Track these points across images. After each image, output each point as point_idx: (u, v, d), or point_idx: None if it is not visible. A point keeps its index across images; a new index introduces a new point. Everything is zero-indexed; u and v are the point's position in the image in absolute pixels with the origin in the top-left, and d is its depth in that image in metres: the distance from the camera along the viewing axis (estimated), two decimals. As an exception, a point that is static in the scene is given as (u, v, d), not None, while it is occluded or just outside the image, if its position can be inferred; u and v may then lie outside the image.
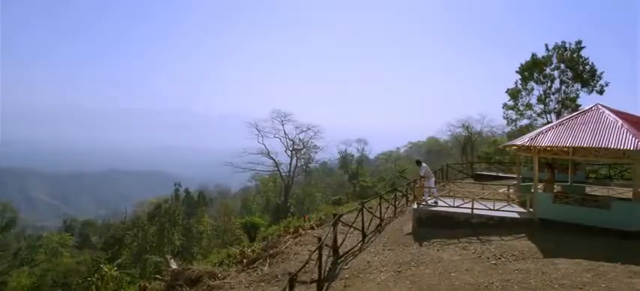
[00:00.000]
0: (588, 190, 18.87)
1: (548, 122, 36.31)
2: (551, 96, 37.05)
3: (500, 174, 33.05)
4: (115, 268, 27.80)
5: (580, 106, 36.02)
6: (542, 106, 37.48)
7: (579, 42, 35.70)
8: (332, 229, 13.38)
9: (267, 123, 56.51)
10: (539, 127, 38.08)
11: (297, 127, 57.39)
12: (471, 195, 17.18)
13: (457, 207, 15.74)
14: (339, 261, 13.50)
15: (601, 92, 35.12)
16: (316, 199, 64.01)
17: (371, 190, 65.84)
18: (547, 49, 36.64)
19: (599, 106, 15.43)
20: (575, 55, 35.49)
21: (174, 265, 17.79)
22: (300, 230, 20.61)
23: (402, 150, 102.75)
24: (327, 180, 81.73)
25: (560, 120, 15.70)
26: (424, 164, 18.13)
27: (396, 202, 20.67)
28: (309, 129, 57.52)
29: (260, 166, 58.02)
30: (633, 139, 13.02)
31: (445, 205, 16.05)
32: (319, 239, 11.45)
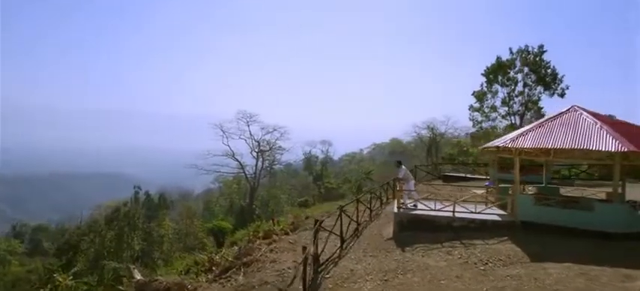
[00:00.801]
0: (562, 191, 18.80)
1: (512, 124, 36.87)
2: (515, 98, 37.64)
3: (467, 175, 33.11)
4: (71, 277, 25.78)
5: (542, 108, 36.74)
6: (506, 109, 37.99)
7: (541, 46, 36.42)
8: (313, 237, 12.49)
9: (232, 124, 54.94)
10: (502, 129, 38.70)
11: (263, 128, 56.17)
12: (450, 197, 16.79)
13: (439, 210, 15.20)
14: (319, 269, 12.65)
15: (562, 95, 35.93)
16: (281, 200, 62.90)
17: (336, 191, 65.41)
18: (511, 53, 37.22)
19: (577, 108, 15.32)
20: (537, 59, 36.13)
21: (138, 276, 16.43)
22: (273, 236, 19.66)
23: (365, 151, 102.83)
24: (292, 181, 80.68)
25: (540, 121, 15.49)
26: (403, 166, 17.56)
27: (371, 205, 20.02)
28: (275, 130, 56.41)
29: (225, 168, 56.29)
30: (614, 141, 12.87)
31: (426, 208, 15.49)
32: (304, 249, 10.58)
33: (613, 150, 12.69)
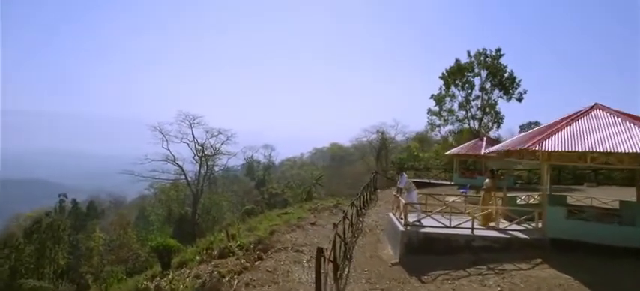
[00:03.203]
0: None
1: (470, 128, 35.18)
2: (472, 102, 36.00)
3: (431, 181, 30.73)
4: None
5: (500, 112, 35.36)
6: (464, 112, 36.21)
7: (499, 49, 34.87)
8: (316, 273, 8.81)
9: (173, 126, 49.08)
10: (456, 133, 36.99)
11: (207, 131, 50.70)
12: (452, 209, 13.75)
13: (455, 227, 12.06)
14: (324, 315, 9.01)
15: (520, 100, 34.67)
16: (223, 208, 57.85)
17: (280, 197, 61.61)
18: (469, 56, 35.54)
19: (600, 106, 12.93)
20: (495, 62, 34.66)
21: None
22: (233, 255, 15.74)
23: (305, 156, 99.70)
24: (233, 187, 75.63)
25: (564, 120, 12.81)
26: (405, 174, 14.29)
27: (352, 217, 16.59)
28: (220, 133, 51.13)
29: (164, 175, 50.33)
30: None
31: (440, 225, 12.26)
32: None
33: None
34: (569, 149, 11.15)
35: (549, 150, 11.37)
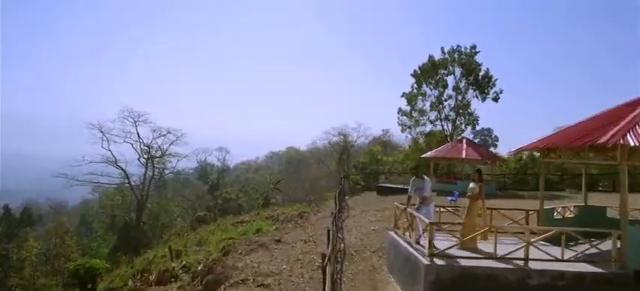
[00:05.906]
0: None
1: (443, 130, 31.84)
2: (445, 103, 32.64)
3: (405, 186, 26.85)
4: None
5: (473, 112, 32.24)
6: (436, 113, 32.75)
7: (474, 46, 32.02)
8: None
9: (116, 124, 42.55)
10: (425, 135, 33.62)
11: (154, 130, 44.43)
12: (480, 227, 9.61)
13: (503, 258, 7.84)
14: None
15: (496, 100, 31.67)
16: (174, 214, 51.74)
17: (234, 202, 56.75)
18: (443, 52, 32.18)
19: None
20: (470, 59, 31.54)
21: None
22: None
23: (261, 159, 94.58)
24: (184, 192, 69.29)
25: (632, 108, 9.10)
26: (427, 178, 9.84)
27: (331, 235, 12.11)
28: (169, 133, 45.04)
29: (105, 178, 43.70)
30: None
31: (480, 255, 8.03)
32: None
33: None
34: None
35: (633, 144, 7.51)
